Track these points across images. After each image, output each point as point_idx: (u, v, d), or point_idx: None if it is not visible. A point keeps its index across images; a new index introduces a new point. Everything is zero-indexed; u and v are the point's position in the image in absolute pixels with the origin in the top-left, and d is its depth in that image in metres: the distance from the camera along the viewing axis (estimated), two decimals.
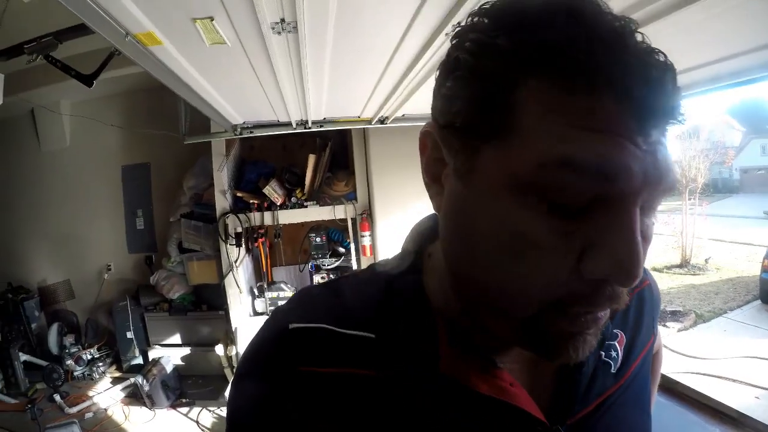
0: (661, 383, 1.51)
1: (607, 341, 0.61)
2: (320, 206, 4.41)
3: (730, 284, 7.38)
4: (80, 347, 4.90)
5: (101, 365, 4.90)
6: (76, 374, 4.77)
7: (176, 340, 5.00)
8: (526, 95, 0.42)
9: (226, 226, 4.37)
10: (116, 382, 4.69)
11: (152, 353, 4.88)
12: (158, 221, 5.26)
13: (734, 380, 3.64)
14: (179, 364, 4.82)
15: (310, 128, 3.41)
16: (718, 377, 3.71)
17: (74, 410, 4.17)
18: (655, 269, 8.08)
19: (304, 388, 0.52)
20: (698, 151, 8.99)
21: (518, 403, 0.52)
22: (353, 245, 4.55)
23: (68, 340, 4.88)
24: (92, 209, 5.25)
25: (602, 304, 0.44)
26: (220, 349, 4.43)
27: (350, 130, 4.28)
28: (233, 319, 4.47)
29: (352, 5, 1.50)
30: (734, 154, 13.88)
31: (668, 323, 5.89)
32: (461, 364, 0.53)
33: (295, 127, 3.40)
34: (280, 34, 1.62)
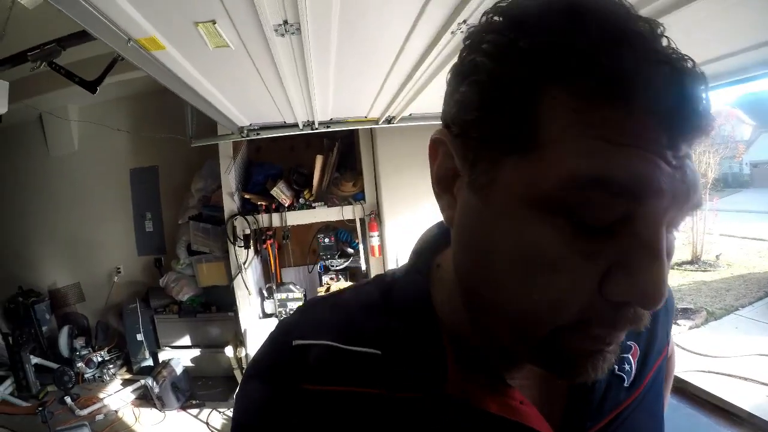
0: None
1: (620, 354, 0.58)
2: (328, 207, 4.40)
3: (741, 280, 7.28)
4: (91, 349, 4.94)
5: (111, 367, 4.92)
6: (86, 376, 4.79)
7: (186, 341, 5.01)
8: (551, 104, 0.39)
9: (234, 228, 4.37)
10: (126, 383, 4.71)
11: (162, 355, 4.90)
12: (167, 224, 5.28)
13: (746, 379, 3.60)
14: (189, 365, 4.84)
15: (316, 129, 3.40)
16: (729, 375, 3.66)
17: (85, 412, 4.19)
18: None
19: (308, 406, 0.51)
20: (708, 145, 8.90)
21: (529, 422, 0.51)
22: (362, 246, 4.54)
23: (79, 342, 4.91)
24: (101, 212, 5.27)
25: (623, 326, 0.42)
26: (229, 350, 4.45)
27: (357, 130, 4.27)
28: (242, 320, 4.48)
29: (355, 5, 1.49)
30: (744, 148, 13.74)
31: (679, 321, 5.83)
32: (470, 382, 0.51)
33: (301, 128, 3.40)
34: (283, 36, 1.62)
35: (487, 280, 0.45)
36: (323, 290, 4.48)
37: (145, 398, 4.47)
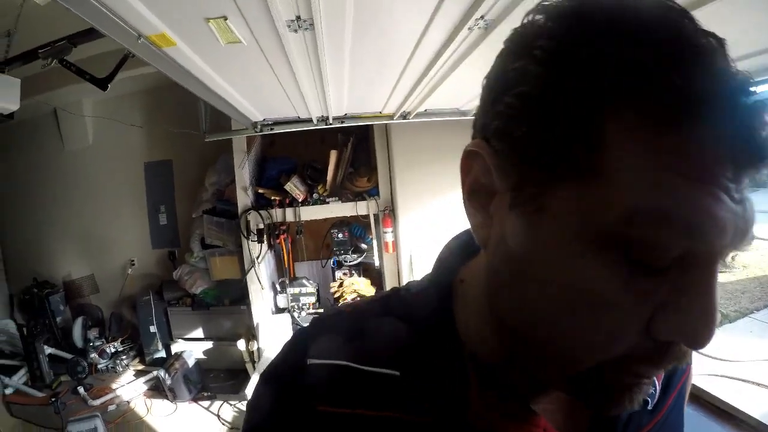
0: None
1: None
2: (342, 202, 4.38)
3: (756, 283, 7.14)
4: (104, 341, 4.97)
5: (124, 358, 4.96)
6: (99, 367, 4.83)
7: (198, 334, 5.03)
8: (616, 125, 0.34)
9: (248, 222, 4.37)
10: (139, 375, 4.74)
11: (175, 347, 4.92)
12: (181, 217, 5.28)
13: (759, 384, 3.52)
14: (201, 358, 4.86)
15: (331, 124, 3.37)
16: (743, 380, 3.59)
17: (97, 402, 4.23)
18: None
19: (321, 428, 0.48)
20: None
21: None
22: (375, 241, 4.50)
23: (92, 333, 4.95)
24: (116, 205, 5.30)
25: (668, 364, 0.39)
26: (241, 344, 4.46)
27: (372, 125, 4.23)
28: (255, 314, 4.49)
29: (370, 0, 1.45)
30: None
31: None
32: (492, 407, 0.48)
33: (316, 123, 3.37)
34: (296, 32, 1.58)
35: (526, 311, 0.42)
36: (336, 285, 4.46)
37: (157, 389, 4.50)
